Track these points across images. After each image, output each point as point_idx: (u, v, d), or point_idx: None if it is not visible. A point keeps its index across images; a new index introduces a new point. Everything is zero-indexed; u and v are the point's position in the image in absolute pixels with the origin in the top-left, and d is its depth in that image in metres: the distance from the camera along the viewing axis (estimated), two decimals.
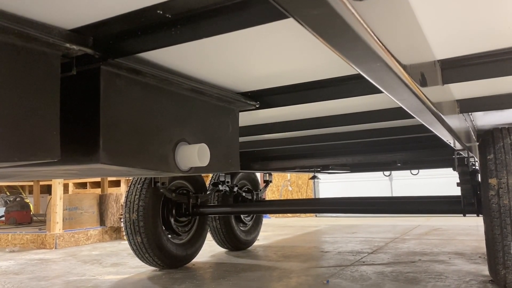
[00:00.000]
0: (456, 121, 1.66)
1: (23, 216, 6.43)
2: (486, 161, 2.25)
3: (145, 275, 3.12)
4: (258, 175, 4.75)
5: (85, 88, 1.06)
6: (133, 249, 3.16)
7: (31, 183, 8.28)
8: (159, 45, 0.99)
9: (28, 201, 7.24)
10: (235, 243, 4.06)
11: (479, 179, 2.44)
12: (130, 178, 4.15)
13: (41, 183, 7.96)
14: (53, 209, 4.91)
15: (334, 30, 0.50)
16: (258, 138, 2.90)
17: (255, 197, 4.25)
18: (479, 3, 0.96)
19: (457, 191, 2.73)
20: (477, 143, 2.53)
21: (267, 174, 4.39)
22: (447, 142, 1.76)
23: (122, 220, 4.06)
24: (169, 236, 3.27)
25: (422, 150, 3.37)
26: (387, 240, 4.51)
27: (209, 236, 3.81)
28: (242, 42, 1.13)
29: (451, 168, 3.07)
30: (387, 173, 5.90)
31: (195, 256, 3.52)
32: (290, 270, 3.04)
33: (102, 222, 5.58)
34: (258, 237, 4.54)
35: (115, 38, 0.98)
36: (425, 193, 5.58)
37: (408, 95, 0.83)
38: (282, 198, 9.10)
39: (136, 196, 3.14)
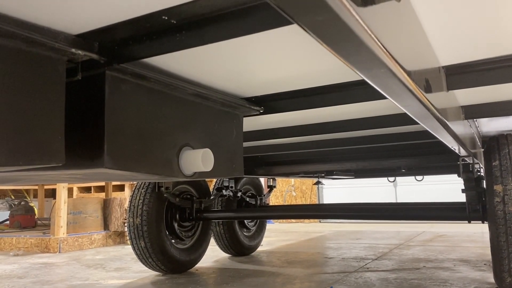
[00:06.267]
0: (461, 127, 1.65)
1: (28, 220, 6.45)
2: (491, 167, 2.24)
3: (148, 280, 3.11)
4: (262, 180, 4.75)
5: (90, 93, 1.07)
6: (136, 254, 3.15)
7: (36, 187, 8.31)
8: (164, 51, 1.00)
9: (32, 205, 7.26)
10: (239, 248, 4.05)
11: (484, 186, 2.43)
12: (134, 182, 4.16)
13: (45, 187, 7.99)
14: (58, 213, 4.93)
15: (339, 36, 0.50)
16: (262, 143, 2.90)
17: (259, 202, 4.24)
18: (484, 10, 0.96)
19: (462, 198, 2.71)
20: (482, 150, 2.52)
21: (271, 179, 4.39)
22: (452, 148, 1.75)
23: (126, 224, 4.07)
24: (173, 241, 3.27)
25: (427, 156, 3.36)
26: (392, 246, 4.48)
27: (212, 241, 3.81)
28: (246, 48, 1.13)
29: (456, 175, 3.05)
30: (391, 179, 5.88)
31: (199, 261, 3.51)
32: (294, 276, 3.03)
33: (106, 226, 5.58)
34: (262, 243, 4.53)
35: (121, 44, 0.98)
36: (430, 199, 5.55)
37: (413, 101, 0.82)
38: (285, 204, 9.08)
39: (140, 201, 3.14)
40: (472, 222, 2.66)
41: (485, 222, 2.50)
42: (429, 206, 2.98)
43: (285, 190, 9.37)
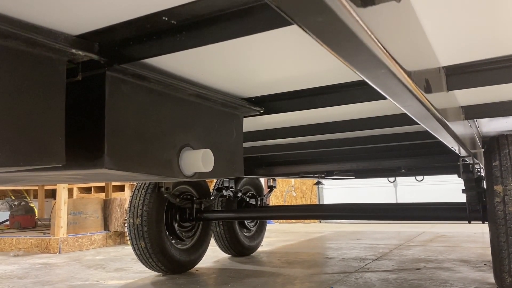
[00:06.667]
0: (461, 127, 1.65)
1: (28, 220, 6.45)
2: (491, 167, 2.24)
3: (148, 280, 3.11)
4: (262, 180, 4.75)
5: (90, 93, 1.07)
6: (136, 254, 3.16)
7: (36, 188, 8.31)
8: (164, 51, 1.00)
9: (32, 205, 7.26)
10: (239, 248, 4.05)
11: (485, 186, 2.43)
12: (134, 183, 4.16)
13: (46, 187, 7.99)
14: (58, 214, 4.93)
15: (338, 37, 0.50)
16: (263, 144, 2.90)
17: (259, 202, 4.24)
18: (484, 10, 0.96)
19: (462, 198, 2.71)
20: (482, 150, 2.52)
21: (271, 180, 4.39)
22: (452, 148, 1.75)
23: (126, 225, 4.07)
24: (173, 241, 3.27)
25: (427, 157, 3.36)
26: (392, 246, 4.48)
27: (212, 241, 3.81)
28: (246, 48, 1.13)
29: (456, 175, 3.06)
30: (391, 179, 5.88)
31: (199, 261, 3.51)
32: (294, 277, 3.03)
33: (106, 226, 5.58)
34: (262, 243, 4.53)
35: (121, 44, 0.98)
36: (430, 199, 5.56)
37: (413, 101, 0.83)
38: (286, 204, 9.08)
39: (140, 201, 3.14)
40: (472, 222, 2.66)
41: (485, 222, 2.50)
42: (429, 207, 2.99)
43: (285, 190, 9.37)
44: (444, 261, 3.46)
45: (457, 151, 1.90)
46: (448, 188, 6.51)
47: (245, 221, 4.16)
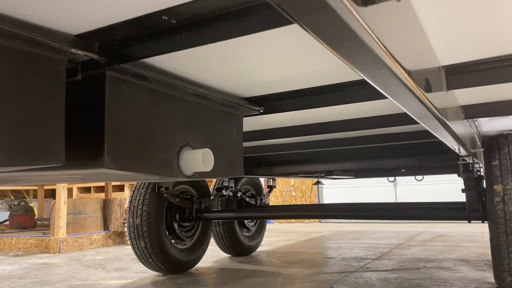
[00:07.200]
0: (461, 127, 1.65)
1: (27, 220, 6.45)
2: (491, 167, 2.24)
3: (148, 280, 3.11)
4: (262, 180, 4.75)
5: (90, 93, 1.07)
6: (136, 254, 3.15)
7: (36, 187, 8.31)
8: (164, 51, 1.00)
9: (32, 205, 7.26)
10: (239, 248, 4.05)
11: (484, 186, 2.43)
12: (134, 183, 4.16)
13: (45, 187, 7.99)
14: (57, 214, 4.93)
15: (339, 36, 0.50)
16: (262, 143, 2.90)
17: (258, 202, 4.24)
18: (484, 10, 0.96)
19: (462, 198, 2.71)
20: (482, 149, 2.52)
21: (271, 179, 4.39)
22: (452, 148, 1.75)
23: (125, 224, 4.07)
24: (173, 241, 3.27)
25: (427, 156, 3.36)
26: (392, 246, 4.48)
27: (212, 241, 3.81)
28: (246, 48, 1.13)
29: (456, 174, 3.06)
30: (391, 179, 5.88)
31: (199, 261, 3.51)
32: (294, 276, 3.03)
33: (105, 226, 5.58)
34: (262, 243, 4.53)
35: (121, 44, 0.98)
36: (430, 199, 5.56)
37: (413, 101, 0.83)
38: (285, 204, 9.08)
39: (140, 201, 3.14)
40: (472, 222, 2.66)
41: (485, 221, 2.50)
42: (429, 206, 2.99)
43: (285, 190, 9.37)
44: (444, 261, 3.46)
45: (457, 151, 1.90)
46: (448, 187, 6.51)
47: (245, 221, 4.16)
